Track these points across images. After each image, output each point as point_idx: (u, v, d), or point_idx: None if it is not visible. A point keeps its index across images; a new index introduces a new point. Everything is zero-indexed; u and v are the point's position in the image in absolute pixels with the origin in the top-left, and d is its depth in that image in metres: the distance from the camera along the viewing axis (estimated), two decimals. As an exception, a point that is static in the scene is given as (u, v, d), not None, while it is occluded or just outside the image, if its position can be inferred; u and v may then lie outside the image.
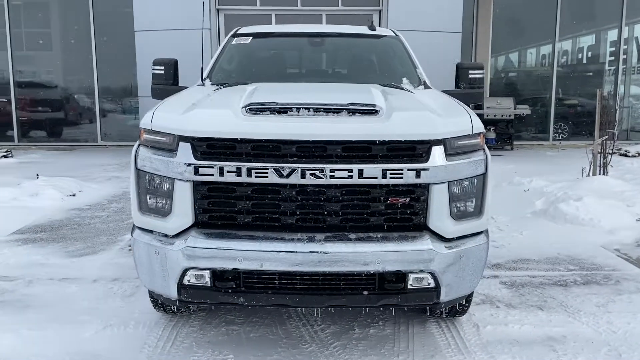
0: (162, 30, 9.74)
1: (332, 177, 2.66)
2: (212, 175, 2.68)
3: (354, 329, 3.47)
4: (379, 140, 2.68)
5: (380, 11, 10.09)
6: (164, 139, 2.80)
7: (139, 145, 2.93)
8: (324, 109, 2.84)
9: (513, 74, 15.05)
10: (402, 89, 3.64)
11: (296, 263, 2.67)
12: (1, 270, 4.46)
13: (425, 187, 2.75)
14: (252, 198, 2.74)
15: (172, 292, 2.83)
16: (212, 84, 3.96)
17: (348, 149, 2.68)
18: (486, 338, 3.35)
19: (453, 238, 2.86)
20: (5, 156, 10.71)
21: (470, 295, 3.40)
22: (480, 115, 12.18)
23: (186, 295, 2.84)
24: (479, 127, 2.90)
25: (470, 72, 4.32)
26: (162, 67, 4.29)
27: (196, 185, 2.74)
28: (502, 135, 12.68)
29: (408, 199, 2.77)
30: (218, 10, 9.96)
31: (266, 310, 3.63)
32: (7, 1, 12.78)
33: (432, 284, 2.82)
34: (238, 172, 2.67)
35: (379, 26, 9.87)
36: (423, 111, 2.92)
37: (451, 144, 2.78)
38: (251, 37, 4.50)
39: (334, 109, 2.84)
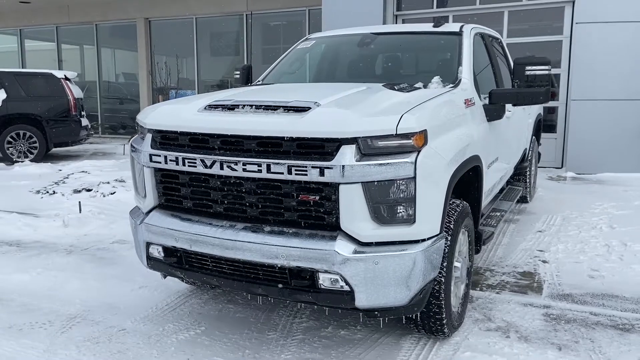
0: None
1: (244, 170, 2.81)
2: (160, 162, 3.09)
3: (327, 328, 3.47)
4: (286, 137, 2.72)
5: (573, 2, 8.92)
6: (141, 130, 3.32)
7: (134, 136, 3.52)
8: (264, 106, 2.99)
9: None
10: (400, 88, 3.38)
11: (215, 248, 2.91)
12: (126, 235, 5.61)
13: (335, 187, 2.67)
14: (190, 185, 3.06)
15: (144, 261, 3.34)
16: (255, 85, 4.34)
17: (261, 144, 2.79)
18: (449, 364, 3.01)
19: (371, 243, 2.71)
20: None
21: (441, 312, 3.09)
22: None
23: (151, 265, 3.32)
24: (410, 127, 2.65)
25: (528, 68, 3.79)
26: (239, 72, 4.86)
27: (155, 171, 3.18)
28: None
29: (317, 197, 2.73)
30: (396, 16, 10.14)
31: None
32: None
33: (346, 288, 2.73)
34: (176, 161, 3.02)
35: (572, 18, 8.81)
36: (347, 109, 2.80)
37: (367, 143, 2.64)
38: (314, 41, 4.72)
39: (274, 106, 2.96)
